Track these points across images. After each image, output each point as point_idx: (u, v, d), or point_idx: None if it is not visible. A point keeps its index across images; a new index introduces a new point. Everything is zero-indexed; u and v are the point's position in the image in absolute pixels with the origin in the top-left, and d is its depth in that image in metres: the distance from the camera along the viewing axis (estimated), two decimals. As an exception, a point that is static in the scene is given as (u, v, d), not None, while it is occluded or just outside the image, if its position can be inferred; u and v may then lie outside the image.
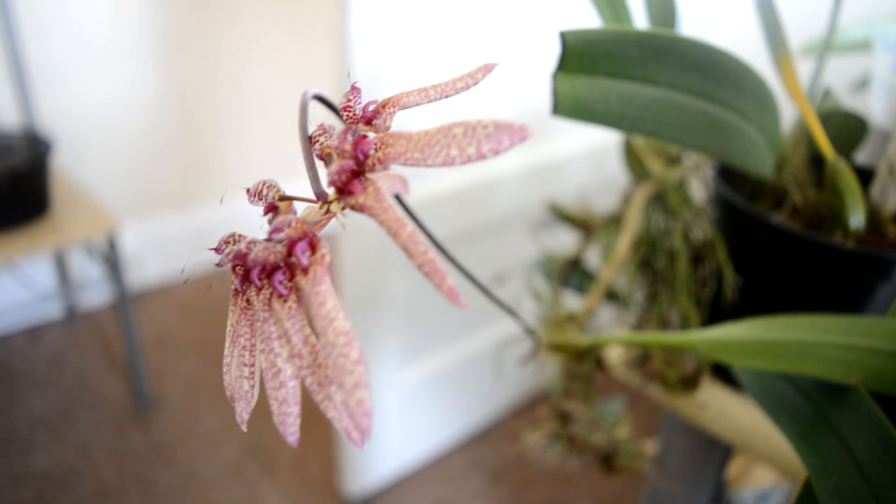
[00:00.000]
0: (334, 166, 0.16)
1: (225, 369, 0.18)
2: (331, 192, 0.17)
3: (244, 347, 0.17)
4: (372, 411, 0.14)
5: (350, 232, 0.79)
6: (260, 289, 0.17)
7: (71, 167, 1.26)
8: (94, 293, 1.36)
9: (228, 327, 0.18)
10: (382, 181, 0.16)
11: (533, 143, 0.95)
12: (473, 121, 0.15)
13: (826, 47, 0.46)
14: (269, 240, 0.17)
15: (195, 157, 1.43)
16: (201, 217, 1.47)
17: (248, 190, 0.18)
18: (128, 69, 1.29)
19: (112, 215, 1.04)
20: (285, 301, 0.16)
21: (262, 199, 0.18)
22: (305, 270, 0.16)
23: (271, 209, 0.18)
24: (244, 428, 0.18)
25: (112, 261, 1.05)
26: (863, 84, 0.61)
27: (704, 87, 0.35)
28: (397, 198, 0.22)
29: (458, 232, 0.90)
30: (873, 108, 0.50)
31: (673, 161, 0.51)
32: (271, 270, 0.16)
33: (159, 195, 1.42)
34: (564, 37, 0.28)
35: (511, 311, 0.39)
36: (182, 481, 1.03)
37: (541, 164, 0.95)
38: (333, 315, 0.15)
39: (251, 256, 0.16)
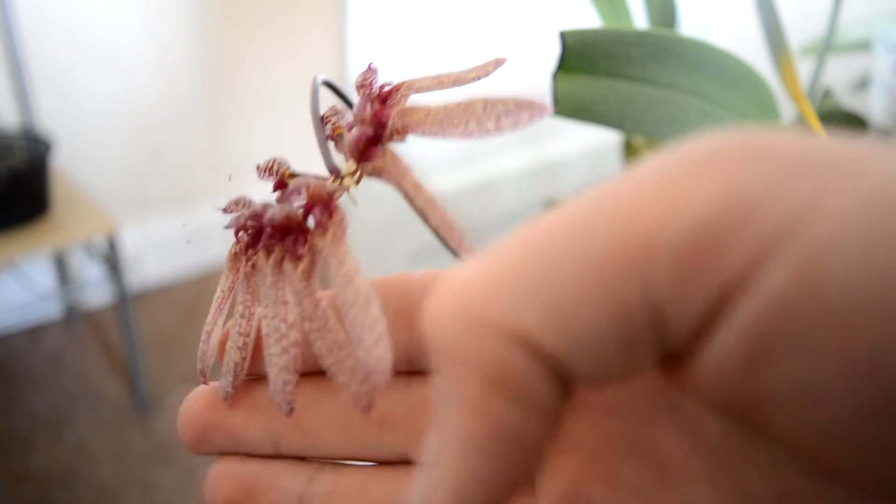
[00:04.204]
0: (354, 132, 0.16)
1: (203, 338, 0.18)
2: (343, 167, 0.17)
3: (242, 315, 0.17)
4: (390, 369, 0.14)
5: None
6: (270, 251, 0.16)
7: (71, 167, 1.26)
8: (94, 293, 1.36)
9: (218, 294, 0.18)
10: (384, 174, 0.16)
11: (533, 143, 0.95)
12: (494, 97, 0.15)
13: (826, 47, 0.46)
14: (284, 202, 0.17)
15: (195, 157, 1.43)
16: (201, 217, 1.47)
17: (258, 167, 0.18)
18: (128, 69, 1.29)
19: (112, 215, 1.04)
20: (298, 263, 0.16)
21: (272, 175, 0.18)
22: (325, 230, 0.16)
23: (281, 186, 0.18)
24: (228, 402, 0.17)
25: (112, 261, 1.05)
26: (863, 84, 0.61)
27: (704, 87, 0.35)
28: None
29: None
30: (873, 108, 0.50)
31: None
32: (285, 232, 0.16)
33: (159, 195, 1.42)
34: (564, 37, 0.28)
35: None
36: (182, 481, 1.03)
37: (541, 164, 0.95)
38: (353, 274, 0.15)
39: (267, 216, 0.16)
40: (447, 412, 0.11)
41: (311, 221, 0.16)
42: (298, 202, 0.16)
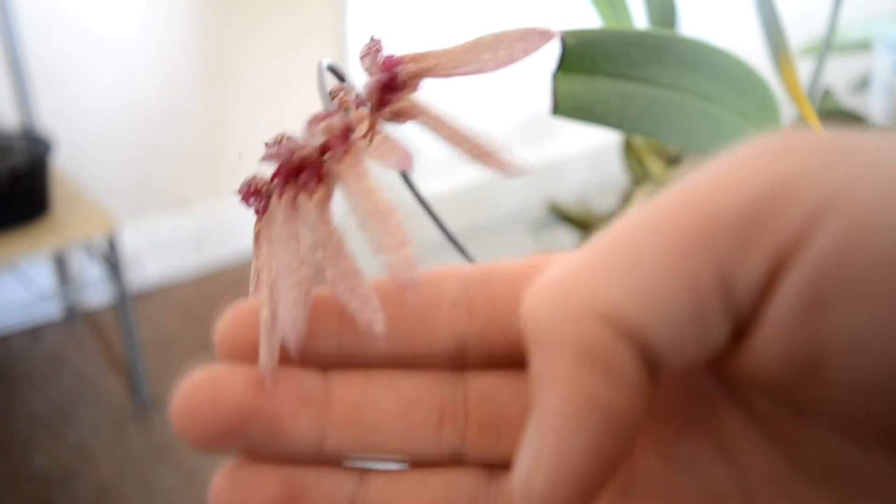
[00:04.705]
0: (369, 79, 0.16)
1: (267, 315, 0.15)
2: (354, 133, 0.17)
3: (287, 266, 0.16)
4: (417, 267, 0.14)
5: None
6: (283, 190, 0.16)
7: (71, 167, 1.26)
8: (94, 293, 1.36)
9: (253, 273, 0.17)
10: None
11: (533, 143, 0.96)
12: (500, 31, 0.16)
13: (826, 47, 0.46)
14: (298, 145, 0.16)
15: (195, 158, 1.43)
16: (201, 217, 1.47)
17: (266, 143, 0.18)
18: (127, 69, 1.29)
19: (112, 215, 1.04)
20: (313, 195, 0.16)
21: (280, 148, 0.18)
22: (343, 155, 0.16)
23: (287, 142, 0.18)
24: (269, 377, 0.15)
25: (112, 261, 1.05)
26: (863, 84, 0.61)
27: (704, 87, 0.35)
28: (403, 176, 0.22)
29: (459, 232, 0.90)
30: (873, 108, 0.50)
31: (673, 161, 0.51)
32: (299, 172, 0.16)
33: (159, 195, 1.42)
34: (564, 37, 0.28)
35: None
36: (182, 481, 1.03)
37: (541, 164, 0.95)
38: (373, 188, 0.15)
39: (286, 155, 0.16)
40: (544, 391, 0.12)
41: (326, 157, 0.16)
42: (313, 140, 0.16)
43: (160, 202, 1.42)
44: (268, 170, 0.17)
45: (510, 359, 0.15)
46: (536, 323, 0.12)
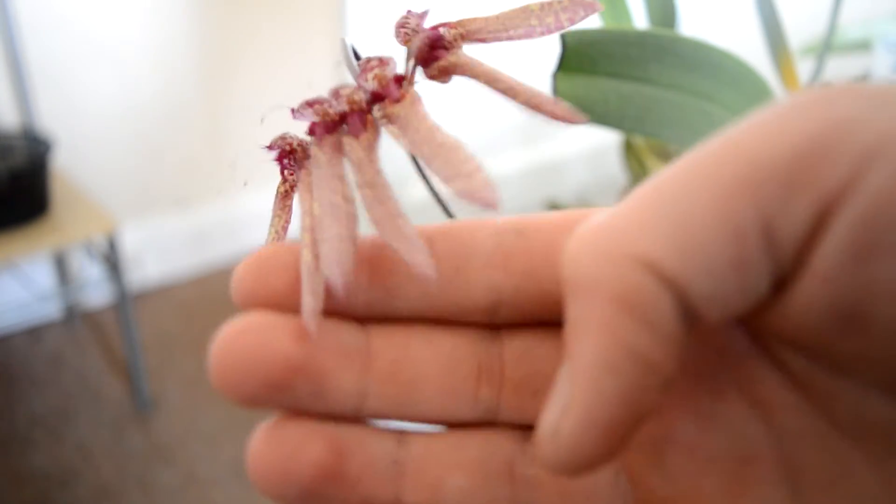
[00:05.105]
0: (416, 39, 0.16)
1: (318, 256, 0.15)
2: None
3: (333, 204, 0.15)
4: (496, 188, 0.14)
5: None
6: (323, 140, 0.16)
7: (71, 167, 1.26)
8: (94, 293, 1.36)
9: (271, 235, 0.16)
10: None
11: (533, 143, 0.96)
12: None
13: (826, 47, 0.46)
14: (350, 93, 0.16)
15: (195, 157, 1.43)
16: (201, 217, 1.47)
17: (292, 109, 0.17)
18: (127, 69, 1.29)
19: (112, 215, 1.04)
20: (360, 136, 0.16)
21: (314, 111, 0.17)
22: (399, 99, 0.15)
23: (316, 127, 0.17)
24: (314, 325, 0.14)
25: (112, 261, 1.05)
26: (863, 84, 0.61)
27: (704, 87, 0.35)
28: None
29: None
30: (873, 108, 0.49)
31: (673, 161, 0.51)
32: (343, 119, 0.16)
33: (159, 195, 1.42)
34: (564, 37, 0.28)
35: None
36: (182, 481, 1.03)
37: (541, 164, 0.95)
38: (437, 127, 0.15)
39: (336, 108, 0.16)
40: (580, 336, 0.12)
41: (376, 110, 0.16)
42: (366, 87, 0.16)
43: (160, 202, 1.42)
44: (297, 130, 0.17)
45: (545, 316, 0.15)
46: (576, 268, 0.12)
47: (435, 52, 0.16)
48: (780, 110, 0.12)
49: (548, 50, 0.29)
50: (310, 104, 0.16)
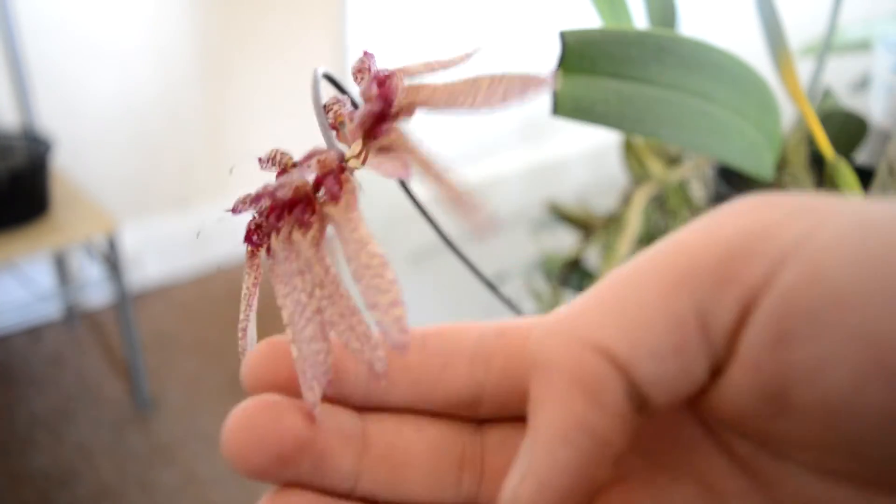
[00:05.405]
0: (361, 109, 0.16)
1: (240, 335, 0.17)
2: (347, 152, 0.17)
3: (298, 302, 0.15)
4: (408, 329, 0.14)
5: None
6: (279, 230, 0.16)
7: (71, 167, 1.26)
8: (94, 293, 1.36)
9: (244, 291, 0.17)
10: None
11: (533, 143, 0.95)
12: (499, 73, 0.16)
13: (826, 47, 0.46)
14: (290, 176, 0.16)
15: (195, 157, 1.43)
16: (201, 217, 1.47)
17: (260, 158, 0.18)
18: (128, 70, 1.29)
19: (112, 215, 1.04)
20: (307, 231, 0.16)
21: (275, 165, 0.18)
22: (337, 198, 0.16)
23: (284, 174, 0.17)
24: (315, 412, 0.15)
25: (112, 261, 1.05)
26: (863, 84, 0.61)
27: (704, 87, 0.35)
28: (402, 185, 0.21)
29: (459, 232, 0.90)
30: (873, 108, 0.50)
31: (673, 161, 0.51)
32: (292, 206, 0.16)
33: (159, 195, 1.42)
34: (564, 37, 0.28)
35: (516, 310, 0.39)
36: (182, 481, 1.03)
37: (541, 164, 0.95)
38: (367, 240, 0.15)
39: (278, 193, 0.16)
40: (539, 411, 0.13)
41: (320, 193, 0.16)
42: (307, 175, 0.16)
43: (160, 202, 1.42)
44: (267, 179, 0.17)
45: (522, 410, 0.16)
46: (540, 351, 0.14)
47: (380, 126, 0.16)
48: (719, 215, 0.14)
49: (548, 50, 0.29)
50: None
